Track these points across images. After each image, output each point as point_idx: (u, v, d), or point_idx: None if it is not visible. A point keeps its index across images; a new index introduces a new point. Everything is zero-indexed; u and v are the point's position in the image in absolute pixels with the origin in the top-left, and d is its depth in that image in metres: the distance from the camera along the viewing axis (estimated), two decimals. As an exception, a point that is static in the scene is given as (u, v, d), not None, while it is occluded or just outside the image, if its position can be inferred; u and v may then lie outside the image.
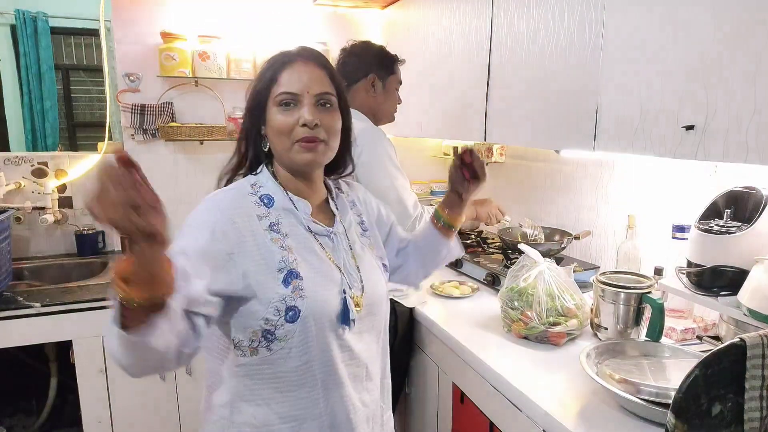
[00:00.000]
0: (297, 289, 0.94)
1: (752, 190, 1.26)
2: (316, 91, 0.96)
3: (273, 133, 0.97)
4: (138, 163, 0.66)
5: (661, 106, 1.17)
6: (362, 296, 1.01)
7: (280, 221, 0.98)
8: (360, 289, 1.02)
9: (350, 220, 1.10)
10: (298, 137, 0.95)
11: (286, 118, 0.95)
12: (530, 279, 1.50)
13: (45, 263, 2.38)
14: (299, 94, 0.95)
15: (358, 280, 1.02)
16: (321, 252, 1.00)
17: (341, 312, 0.97)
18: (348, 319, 0.98)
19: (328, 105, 0.98)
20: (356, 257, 1.05)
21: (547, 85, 1.53)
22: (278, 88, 0.96)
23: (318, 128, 0.95)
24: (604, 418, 1.10)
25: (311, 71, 0.97)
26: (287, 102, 0.95)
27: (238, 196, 0.98)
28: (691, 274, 1.28)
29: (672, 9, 1.14)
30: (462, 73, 1.99)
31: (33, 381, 2.42)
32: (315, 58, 1.00)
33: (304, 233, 1.00)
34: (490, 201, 2.05)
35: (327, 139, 0.97)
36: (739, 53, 1.00)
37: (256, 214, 0.96)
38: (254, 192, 1.00)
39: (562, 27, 1.46)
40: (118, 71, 2.42)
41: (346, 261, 1.02)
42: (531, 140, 1.65)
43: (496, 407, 1.33)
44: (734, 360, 0.80)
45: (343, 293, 0.98)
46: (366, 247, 1.10)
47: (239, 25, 2.53)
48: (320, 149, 0.97)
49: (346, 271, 1.01)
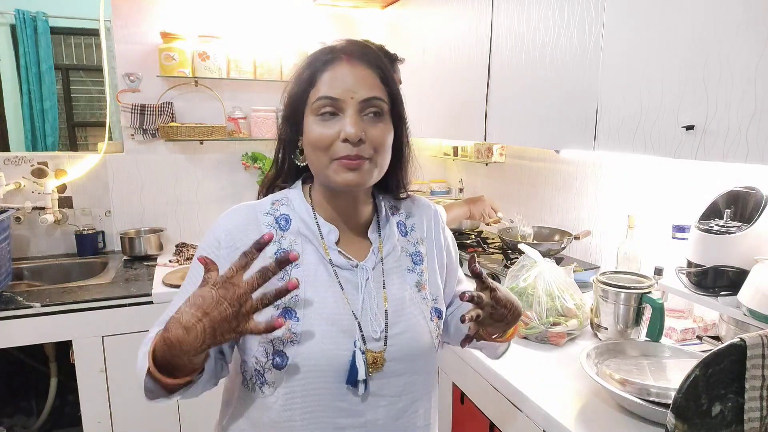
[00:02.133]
0: (290, 332, 0.78)
1: (752, 190, 1.26)
2: (362, 97, 0.78)
3: (309, 148, 0.81)
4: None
5: (661, 106, 1.17)
6: (384, 351, 0.82)
7: (293, 248, 0.84)
8: (382, 341, 0.82)
9: (395, 249, 0.90)
10: (337, 155, 0.78)
11: (324, 130, 0.78)
12: (530, 279, 1.50)
13: (45, 263, 2.38)
14: (341, 99, 0.78)
15: (381, 330, 0.83)
16: (337, 291, 0.82)
17: (350, 369, 0.79)
18: (355, 379, 0.79)
19: (378, 114, 0.80)
20: (388, 299, 0.85)
21: (547, 85, 1.53)
22: (316, 93, 0.79)
23: (363, 144, 0.78)
24: (604, 418, 1.10)
25: (357, 71, 0.79)
26: (327, 110, 0.78)
27: (250, 215, 0.85)
28: (691, 274, 1.28)
29: (672, 9, 1.13)
30: (462, 73, 1.99)
31: (33, 381, 2.42)
32: (363, 55, 0.82)
33: (320, 265, 0.83)
34: (483, 199, 2.04)
35: (374, 156, 0.80)
36: (739, 53, 1.00)
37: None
38: (272, 211, 0.86)
39: (562, 27, 1.46)
40: (118, 71, 2.42)
41: (369, 303, 0.83)
42: (531, 140, 1.65)
43: (496, 407, 1.33)
44: (734, 360, 0.79)
45: (354, 346, 0.80)
46: (411, 286, 0.89)
47: (239, 25, 2.53)
48: (365, 168, 0.79)
49: (364, 317, 0.82)
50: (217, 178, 2.64)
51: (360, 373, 0.78)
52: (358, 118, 0.78)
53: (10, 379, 2.41)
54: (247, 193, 2.68)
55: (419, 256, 0.92)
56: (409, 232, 0.93)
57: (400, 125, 0.85)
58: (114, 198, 2.51)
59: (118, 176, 2.49)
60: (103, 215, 2.52)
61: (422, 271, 0.91)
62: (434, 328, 0.88)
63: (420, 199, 0.99)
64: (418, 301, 0.88)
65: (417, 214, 0.96)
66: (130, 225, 2.54)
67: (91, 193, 2.49)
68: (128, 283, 2.09)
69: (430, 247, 0.94)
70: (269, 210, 0.86)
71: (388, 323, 0.83)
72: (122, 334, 1.96)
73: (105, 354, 1.95)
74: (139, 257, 2.41)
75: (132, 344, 1.97)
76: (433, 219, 0.97)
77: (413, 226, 0.94)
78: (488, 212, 2.02)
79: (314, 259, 0.84)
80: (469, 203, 2.02)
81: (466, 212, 2.00)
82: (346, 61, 0.80)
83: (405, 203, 0.96)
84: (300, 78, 0.82)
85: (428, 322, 0.87)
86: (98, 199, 2.50)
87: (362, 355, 0.79)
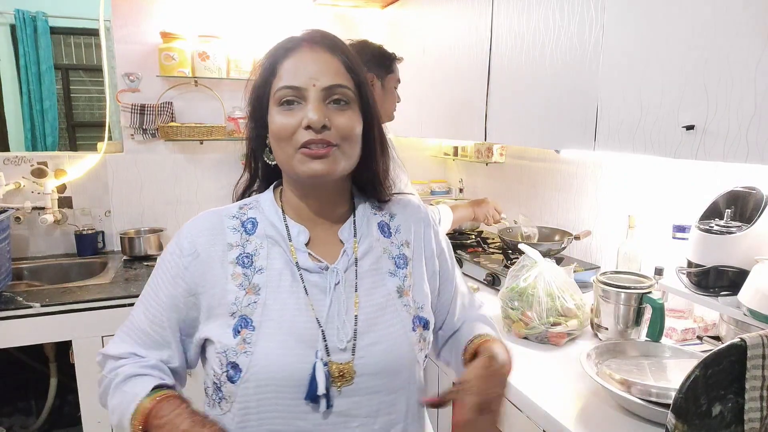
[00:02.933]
0: (244, 342, 0.73)
1: (752, 190, 1.26)
2: (325, 84, 0.74)
3: (273, 140, 0.77)
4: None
5: (661, 106, 1.17)
6: (352, 363, 0.73)
7: (258, 252, 0.78)
8: (350, 351, 0.74)
9: (373, 249, 0.83)
10: (301, 142, 0.73)
11: (286, 119, 0.74)
12: (530, 279, 1.49)
13: (44, 263, 2.37)
14: (303, 88, 0.74)
15: (348, 339, 0.75)
16: (301, 296, 0.76)
17: (309, 383, 0.71)
18: (314, 395, 0.71)
19: (343, 101, 0.76)
20: (360, 305, 0.77)
21: (547, 85, 1.53)
22: (278, 82, 0.75)
23: (327, 131, 0.74)
24: (604, 418, 1.10)
25: (319, 58, 0.75)
26: (289, 99, 0.74)
27: (215, 221, 0.81)
28: (691, 274, 1.28)
29: (672, 9, 1.13)
30: (462, 73, 1.98)
31: (33, 381, 2.42)
32: (324, 41, 0.77)
33: (286, 269, 0.78)
34: (487, 201, 2.05)
35: (341, 144, 0.75)
36: (739, 53, 1.00)
37: (228, 242, 0.79)
38: (239, 215, 0.82)
39: (562, 27, 1.46)
40: (118, 71, 2.42)
41: (338, 309, 0.76)
42: (531, 140, 1.65)
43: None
44: (734, 360, 0.79)
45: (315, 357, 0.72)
46: (391, 291, 0.80)
47: (239, 25, 2.53)
48: (331, 157, 0.74)
49: (330, 325, 0.75)
50: (216, 178, 2.64)
51: (320, 387, 0.70)
52: (321, 105, 0.74)
53: (10, 379, 2.41)
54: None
55: (403, 259, 0.84)
56: (394, 234, 0.86)
57: (369, 115, 0.80)
58: (114, 198, 2.51)
59: (117, 176, 2.49)
60: (102, 215, 2.52)
61: (406, 275, 0.83)
62: (416, 339, 0.79)
63: (410, 200, 0.92)
64: (398, 309, 0.79)
65: (403, 215, 0.89)
66: (129, 225, 2.54)
67: (90, 193, 2.48)
68: (128, 283, 2.09)
69: (418, 251, 0.87)
70: (236, 214, 0.82)
71: (358, 331, 0.75)
72: (122, 334, 1.96)
73: (105, 354, 1.95)
74: (138, 257, 2.41)
75: (132, 344, 1.97)
76: (423, 222, 0.90)
77: (398, 227, 0.87)
78: (492, 214, 2.02)
79: (279, 264, 0.78)
80: (473, 205, 2.02)
81: (471, 214, 2.00)
82: (308, 47, 0.76)
83: (391, 203, 0.89)
84: (262, 69, 0.78)
85: (408, 332, 0.78)
86: (98, 199, 2.50)
87: (324, 367, 0.71)
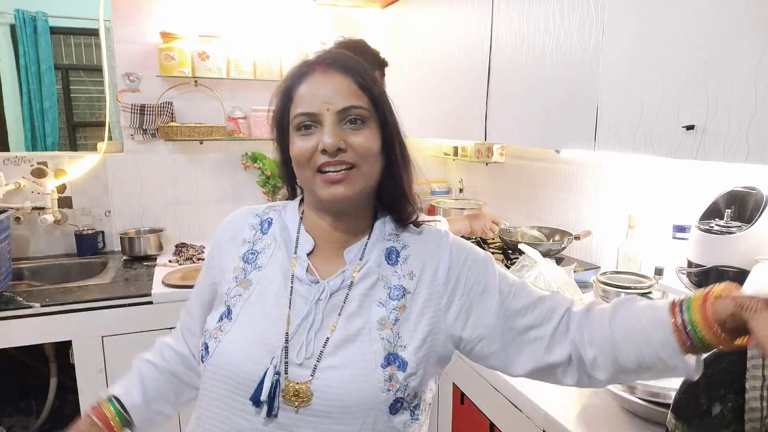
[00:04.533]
0: (220, 329, 0.78)
1: (752, 190, 1.26)
2: (338, 107, 0.75)
3: (294, 164, 0.78)
4: None
5: (661, 105, 1.17)
6: (308, 384, 0.72)
7: (264, 251, 0.83)
8: (309, 370, 0.73)
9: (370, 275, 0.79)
10: (317, 164, 0.75)
11: (303, 143, 0.75)
12: (530, 279, 1.50)
13: (45, 263, 2.37)
14: (318, 113, 0.75)
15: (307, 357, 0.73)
16: (282, 304, 0.77)
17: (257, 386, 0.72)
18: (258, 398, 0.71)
19: (359, 120, 0.76)
20: (338, 327, 0.75)
21: (547, 85, 1.53)
22: (295, 109, 0.77)
23: (343, 153, 0.74)
24: (604, 418, 1.10)
25: (331, 81, 0.76)
26: (306, 124, 0.76)
27: (241, 218, 0.88)
28: (691, 274, 1.28)
29: (672, 9, 1.13)
30: (462, 73, 1.98)
31: (32, 381, 2.42)
32: (336, 63, 0.78)
33: (280, 274, 0.80)
34: (484, 214, 2.05)
35: (359, 163, 0.75)
36: (739, 53, 1.00)
37: (243, 238, 0.85)
38: (262, 215, 0.87)
39: (562, 27, 1.46)
40: (118, 71, 2.42)
41: (312, 325, 0.75)
42: (531, 140, 1.65)
43: (497, 408, 1.33)
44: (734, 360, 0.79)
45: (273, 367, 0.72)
46: (373, 320, 0.76)
47: (239, 25, 2.53)
48: (349, 179, 0.75)
49: (297, 339, 0.74)
50: (216, 178, 2.64)
51: (264, 393, 0.71)
52: (336, 128, 0.75)
53: (10, 379, 2.40)
54: (246, 193, 2.68)
55: (400, 291, 0.78)
56: (400, 263, 0.81)
57: (387, 131, 0.79)
58: (114, 198, 2.51)
59: (117, 176, 2.49)
60: (102, 215, 2.52)
61: (396, 308, 0.77)
62: (384, 377, 0.72)
63: (434, 231, 0.86)
64: (373, 340, 0.74)
65: (418, 245, 0.83)
66: (129, 225, 2.54)
67: (90, 193, 2.48)
68: (128, 284, 2.09)
69: (422, 283, 0.80)
70: (260, 213, 0.88)
71: (324, 353, 0.73)
72: (122, 334, 1.96)
73: (104, 354, 1.94)
74: (138, 257, 2.41)
75: (132, 344, 1.97)
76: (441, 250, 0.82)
77: (407, 258, 0.81)
78: (489, 226, 2.02)
79: (277, 267, 0.81)
80: (470, 218, 2.03)
81: (467, 227, 2.00)
82: (320, 71, 0.77)
83: (410, 231, 0.84)
84: (279, 96, 0.81)
85: (376, 367, 0.72)
86: (98, 199, 2.50)
87: (275, 376, 0.71)
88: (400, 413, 0.74)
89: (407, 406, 0.75)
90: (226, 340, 0.76)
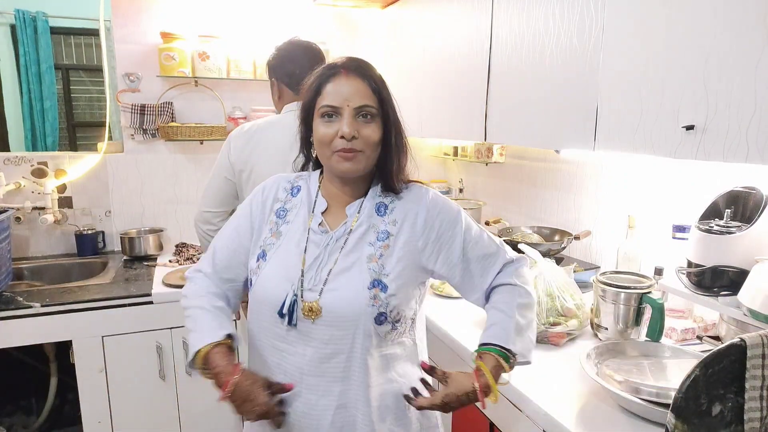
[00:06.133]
0: (258, 268, 1.07)
1: (752, 190, 1.26)
2: (356, 104, 0.99)
3: (317, 143, 1.04)
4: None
5: (661, 105, 1.17)
6: (317, 302, 1.00)
7: (292, 209, 1.10)
8: (317, 292, 1.00)
9: (363, 224, 1.05)
10: (336, 148, 1.00)
11: (327, 129, 1.00)
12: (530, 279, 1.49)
13: (45, 263, 2.38)
14: (340, 107, 0.99)
15: (316, 284, 1.01)
16: (301, 247, 1.05)
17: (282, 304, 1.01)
18: (282, 312, 1.01)
19: (369, 116, 1.01)
20: (338, 262, 1.02)
21: (547, 85, 1.53)
22: (321, 101, 1.01)
23: (355, 140, 0.99)
24: (604, 418, 1.10)
25: (352, 83, 1.00)
26: (329, 113, 1.00)
27: (277, 181, 1.15)
28: (691, 274, 1.28)
29: (672, 8, 1.13)
30: (462, 72, 1.98)
31: (33, 381, 2.42)
32: (358, 70, 1.02)
33: (301, 226, 1.07)
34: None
35: (365, 149, 1.01)
36: (739, 53, 1.00)
37: (277, 197, 1.12)
38: (293, 181, 1.14)
39: (562, 27, 1.46)
40: (118, 71, 2.42)
41: (321, 261, 1.03)
42: (531, 140, 1.65)
43: (497, 407, 1.33)
44: (734, 360, 0.80)
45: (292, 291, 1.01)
46: (364, 256, 1.03)
47: (239, 25, 2.53)
48: (357, 159, 1.01)
49: (310, 271, 1.03)
50: (217, 178, 2.64)
51: (285, 308, 1.00)
52: (353, 120, 0.99)
53: (10, 378, 2.41)
54: (247, 193, 2.68)
55: (385, 234, 1.05)
56: (387, 213, 1.07)
57: (388, 124, 1.04)
58: (114, 198, 2.51)
59: (118, 176, 2.49)
60: (103, 215, 2.52)
61: (382, 247, 1.04)
62: (369, 296, 1.00)
63: (417, 188, 1.11)
64: (363, 270, 1.02)
65: (402, 200, 1.09)
66: (130, 225, 2.54)
67: (91, 193, 2.48)
68: (128, 283, 2.09)
69: (404, 229, 1.06)
70: (291, 180, 1.14)
71: (328, 280, 1.01)
72: (122, 334, 1.96)
73: (105, 354, 1.95)
74: (138, 257, 2.42)
75: (132, 344, 1.97)
76: (420, 205, 1.08)
77: (393, 209, 1.07)
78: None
79: (300, 221, 1.08)
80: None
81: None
82: (345, 74, 1.01)
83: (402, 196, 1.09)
84: (310, 88, 1.04)
85: (363, 289, 1.00)
86: (98, 199, 2.50)
87: (293, 296, 1.00)
88: (384, 324, 1.01)
89: (390, 320, 1.02)
90: (263, 275, 1.05)
